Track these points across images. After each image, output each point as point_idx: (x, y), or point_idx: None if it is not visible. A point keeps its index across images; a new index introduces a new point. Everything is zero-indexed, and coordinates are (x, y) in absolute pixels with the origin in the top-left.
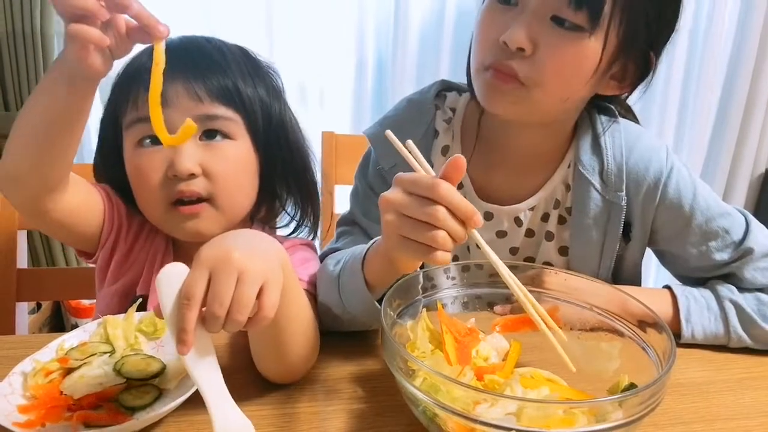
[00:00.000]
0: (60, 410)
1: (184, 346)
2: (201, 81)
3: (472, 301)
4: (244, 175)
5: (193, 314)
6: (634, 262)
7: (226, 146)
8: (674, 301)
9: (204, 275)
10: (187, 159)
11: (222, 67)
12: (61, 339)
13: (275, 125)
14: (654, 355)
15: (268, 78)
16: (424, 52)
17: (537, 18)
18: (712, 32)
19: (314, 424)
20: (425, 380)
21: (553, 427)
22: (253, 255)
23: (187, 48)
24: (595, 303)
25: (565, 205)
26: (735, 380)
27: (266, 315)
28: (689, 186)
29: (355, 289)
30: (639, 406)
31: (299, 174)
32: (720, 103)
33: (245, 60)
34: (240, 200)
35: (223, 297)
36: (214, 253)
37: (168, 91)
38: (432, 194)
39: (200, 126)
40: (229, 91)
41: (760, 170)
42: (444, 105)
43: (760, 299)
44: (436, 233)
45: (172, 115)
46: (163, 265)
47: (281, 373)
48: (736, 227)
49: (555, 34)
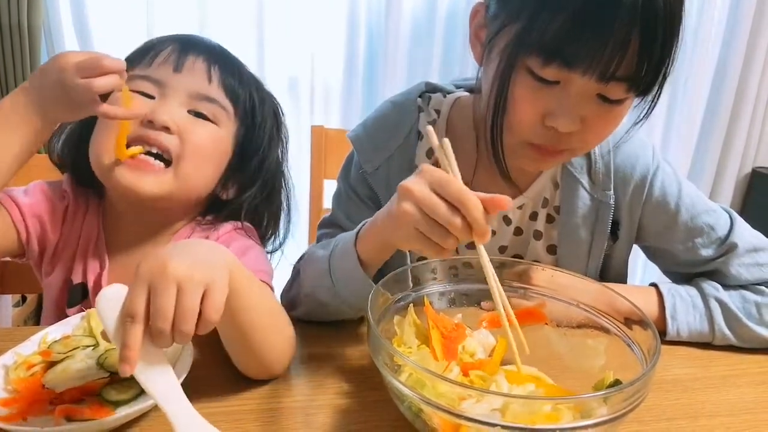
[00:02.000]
0: (42, 404)
1: (126, 365)
2: (219, 68)
3: (459, 297)
4: (213, 156)
5: (137, 331)
6: (621, 260)
7: (208, 127)
8: (660, 298)
9: (143, 291)
10: (170, 113)
11: (243, 71)
12: (44, 332)
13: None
14: (639, 352)
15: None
16: (414, 47)
17: (584, 98)
18: (701, 32)
19: (299, 419)
20: (411, 375)
21: (538, 423)
22: (191, 263)
23: (222, 46)
24: (582, 300)
25: (553, 204)
26: (719, 377)
27: (209, 319)
28: (674, 184)
29: (348, 268)
30: (623, 403)
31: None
32: (707, 103)
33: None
34: (199, 176)
35: (165, 311)
36: (149, 268)
37: (188, 57)
38: (459, 204)
39: (195, 104)
40: (238, 86)
41: (747, 170)
42: (428, 107)
43: (745, 297)
44: (449, 237)
45: (179, 81)
46: (97, 249)
47: (260, 371)
48: (721, 223)
49: (602, 110)
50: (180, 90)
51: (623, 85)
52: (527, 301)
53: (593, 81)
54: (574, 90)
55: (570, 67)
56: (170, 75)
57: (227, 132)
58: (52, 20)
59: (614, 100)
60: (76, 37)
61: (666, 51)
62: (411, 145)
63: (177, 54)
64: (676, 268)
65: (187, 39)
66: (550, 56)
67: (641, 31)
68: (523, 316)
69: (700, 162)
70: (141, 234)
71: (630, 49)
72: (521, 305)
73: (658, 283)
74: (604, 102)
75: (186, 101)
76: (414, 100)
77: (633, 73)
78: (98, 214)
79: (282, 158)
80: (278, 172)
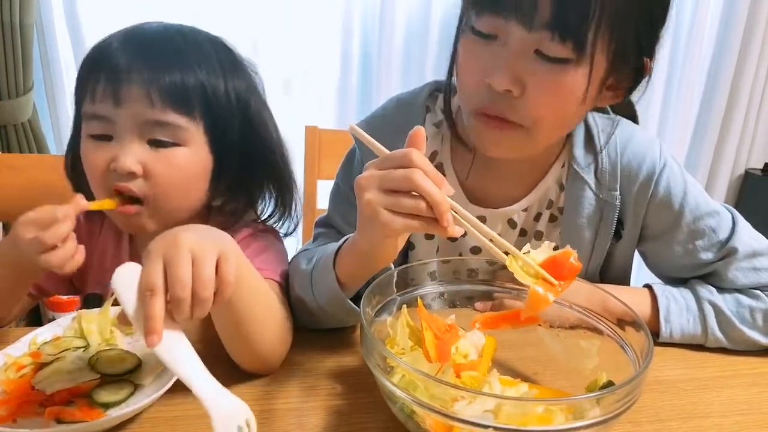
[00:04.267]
0: (32, 405)
1: (154, 335)
2: (157, 82)
3: (452, 298)
4: (189, 181)
5: (158, 302)
6: (623, 260)
7: (174, 153)
8: (654, 300)
9: (159, 264)
10: (130, 157)
11: (189, 64)
12: (34, 333)
13: (247, 122)
14: (632, 353)
15: (246, 74)
16: (409, 47)
17: (520, 55)
18: (694, 34)
19: (292, 421)
20: (404, 377)
21: (530, 424)
22: (201, 236)
23: (154, 41)
24: (575, 301)
25: (557, 205)
26: (711, 378)
27: (227, 281)
28: (680, 183)
29: (326, 286)
30: (616, 404)
31: (270, 169)
32: (700, 105)
33: (223, 54)
34: (180, 204)
35: (183, 279)
36: (162, 243)
37: (121, 88)
38: (406, 162)
39: (150, 131)
40: (187, 94)
41: (740, 171)
42: (435, 106)
43: (739, 301)
44: (419, 201)
45: (122, 116)
46: (115, 260)
47: (254, 363)
48: (723, 226)
49: (541, 70)
50: (129, 124)
51: (549, 34)
52: (521, 302)
53: (522, 29)
54: (511, 45)
55: (496, 12)
56: (113, 111)
57: (197, 146)
58: (45, 18)
59: (552, 58)
60: (69, 36)
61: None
62: None
63: (111, 86)
64: (673, 272)
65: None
66: (481, 5)
67: None
68: (516, 318)
69: (693, 163)
70: None
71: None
72: (515, 306)
73: (652, 285)
74: (543, 60)
75: (141, 133)
76: (422, 100)
77: (557, 18)
78: (114, 231)
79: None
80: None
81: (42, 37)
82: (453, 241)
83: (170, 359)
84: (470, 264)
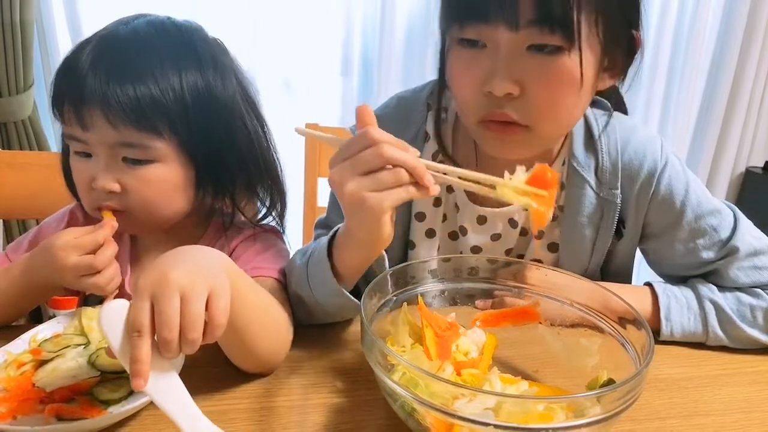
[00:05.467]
0: (32, 403)
1: (140, 379)
2: (114, 103)
3: (452, 296)
4: (167, 194)
5: (145, 344)
6: (624, 258)
7: (148, 170)
8: (654, 299)
9: (146, 303)
10: (106, 177)
11: (143, 74)
12: (35, 330)
13: (217, 115)
14: (632, 351)
15: (213, 61)
16: (410, 46)
17: (512, 55)
18: (695, 32)
19: (292, 418)
20: (404, 375)
21: (531, 422)
22: (191, 270)
23: (111, 53)
24: (576, 299)
25: (558, 204)
26: (712, 376)
27: (219, 323)
28: (682, 181)
29: (322, 278)
30: (617, 402)
31: (256, 168)
32: (702, 102)
33: (183, 46)
34: (163, 214)
35: (171, 320)
36: (150, 280)
37: (84, 112)
38: (368, 141)
39: (120, 151)
40: (146, 110)
41: (740, 169)
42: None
43: (740, 300)
44: (397, 170)
45: (92, 138)
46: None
47: (254, 367)
48: (725, 225)
49: (537, 65)
50: (101, 145)
51: (538, 30)
52: (521, 300)
53: (509, 31)
54: (502, 49)
55: (479, 21)
56: (83, 134)
57: (172, 161)
58: (45, 15)
59: (545, 49)
60: (69, 33)
61: None
62: (417, 147)
63: (74, 109)
64: (674, 271)
65: (77, 82)
66: (464, 16)
67: None
68: (516, 315)
69: (694, 161)
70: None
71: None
72: (515, 304)
73: (653, 283)
74: (537, 54)
75: (112, 152)
76: (423, 98)
77: (540, 13)
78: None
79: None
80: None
81: (42, 34)
82: (453, 240)
83: (159, 399)
84: (471, 262)
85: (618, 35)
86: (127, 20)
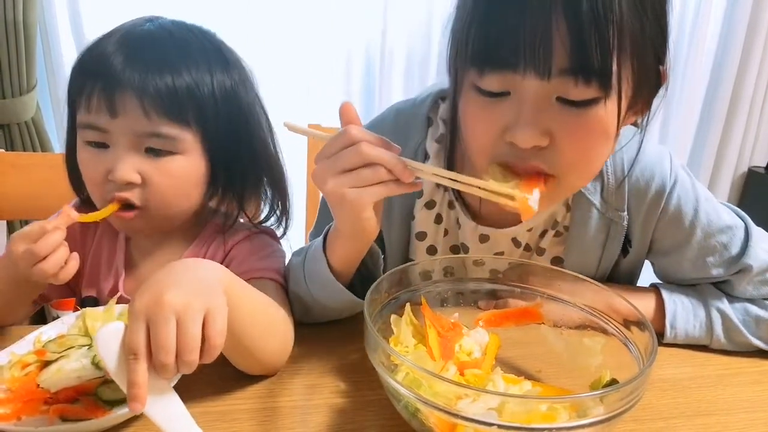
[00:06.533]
0: (36, 403)
1: (137, 402)
2: (152, 92)
3: (456, 297)
4: (186, 188)
5: (141, 367)
6: (630, 271)
7: (171, 162)
8: (660, 303)
9: (141, 326)
10: (127, 167)
11: (180, 67)
12: (39, 331)
13: (241, 123)
14: (636, 352)
15: (238, 69)
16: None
17: (541, 106)
18: (697, 33)
19: (295, 419)
20: (408, 375)
21: (534, 422)
22: (187, 290)
23: (146, 47)
24: (581, 300)
25: (563, 224)
26: (715, 376)
27: (215, 344)
28: (691, 199)
29: (319, 274)
30: (620, 402)
31: (265, 168)
32: (704, 103)
33: (212, 48)
34: (177, 209)
35: (166, 344)
36: (146, 302)
37: (117, 99)
38: (348, 140)
39: (146, 141)
40: (182, 104)
41: (743, 169)
42: (437, 117)
43: (747, 310)
44: (376, 167)
45: (118, 126)
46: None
47: (256, 370)
48: (735, 242)
49: (568, 116)
50: (126, 134)
51: (572, 80)
52: (525, 301)
53: (538, 80)
54: (527, 98)
55: (504, 69)
56: (110, 121)
57: (193, 154)
58: (48, 17)
59: (578, 102)
60: (72, 34)
61: (603, 29)
62: None
63: (105, 96)
64: (682, 282)
65: (109, 73)
66: (482, 63)
67: (564, 11)
68: (519, 316)
69: (696, 161)
70: (156, 249)
71: (556, 33)
72: (519, 305)
73: (659, 287)
74: (567, 106)
75: (137, 142)
76: (424, 113)
77: (576, 62)
78: (110, 232)
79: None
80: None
81: (45, 36)
82: (455, 254)
83: (158, 420)
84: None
85: (649, 74)
86: (148, 19)
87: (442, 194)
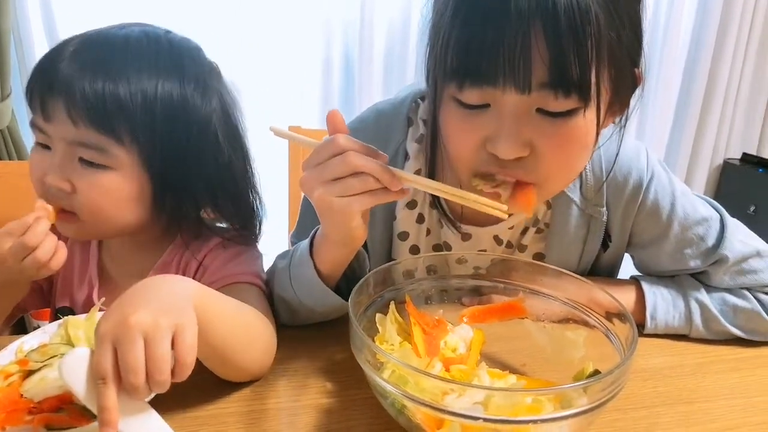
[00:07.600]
0: (20, 413)
1: (108, 428)
2: (78, 97)
3: (439, 294)
4: (117, 204)
5: (111, 391)
6: (610, 264)
7: (102, 176)
8: (640, 296)
9: (108, 350)
10: (58, 173)
11: (117, 74)
12: (21, 341)
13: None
14: (617, 343)
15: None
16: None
17: (521, 118)
18: (670, 29)
19: (283, 420)
20: (393, 372)
21: (520, 415)
22: (153, 309)
23: (93, 49)
24: (563, 294)
25: (544, 221)
26: (694, 365)
27: (186, 362)
28: (668, 194)
29: (305, 278)
30: (603, 392)
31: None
32: (679, 97)
33: (168, 58)
34: (115, 223)
35: (135, 366)
36: (111, 325)
37: (48, 101)
38: (336, 149)
39: (78, 150)
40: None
41: (719, 161)
42: (417, 117)
43: (725, 300)
44: (363, 177)
45: (51, 130)
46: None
47: (239, 377)
48: (712, 233)
49: (549, 127)
50: (58, 139)
51: (551, 93)
52: (508, 297)
53: (518, 94)
54: (508, 111)
55: (484, 84)
56: (45, 124)
57: (127, 170)
58: (22, 24)
59: (558, 113)
60: (47, 41)
61: (582, 42)
62: (397, 166)
63: (40, 99)
64: (661, 274)
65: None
66: (462, 78)
67: (543, 26)
68: (503, 310)
69: (673, 154)
70: (129, 257)
71: (535, 48)
72: (502, 300)
73: (639, 279)
74: (548, 117)
75: (70, 150)
76: (404, 113)
77: (556, 76)
78: (81, 241)
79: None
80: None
81: (19, 43)
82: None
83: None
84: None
85: (625, 79)
86: (124, 25)
87: (423, 194)
